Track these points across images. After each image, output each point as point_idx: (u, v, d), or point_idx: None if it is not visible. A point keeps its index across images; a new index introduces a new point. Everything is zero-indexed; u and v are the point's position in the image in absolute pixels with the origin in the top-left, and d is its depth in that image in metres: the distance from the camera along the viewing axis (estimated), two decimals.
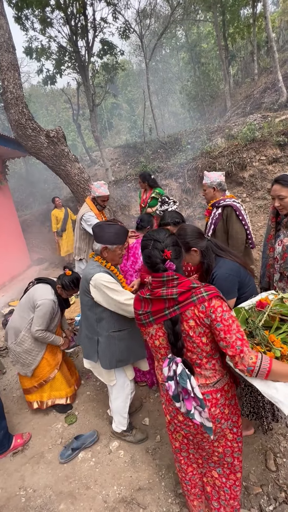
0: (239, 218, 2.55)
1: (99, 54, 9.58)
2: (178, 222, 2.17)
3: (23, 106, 5.56)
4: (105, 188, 3.46)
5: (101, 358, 1.87)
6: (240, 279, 1.65)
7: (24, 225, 8.04)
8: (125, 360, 1.90)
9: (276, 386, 1.06)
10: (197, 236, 1.69)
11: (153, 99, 14.04)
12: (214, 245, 1.72)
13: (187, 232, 1.68)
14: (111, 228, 1.75)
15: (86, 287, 1.78)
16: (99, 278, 1.71)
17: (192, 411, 1.11)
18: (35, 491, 1.93)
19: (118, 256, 1.84)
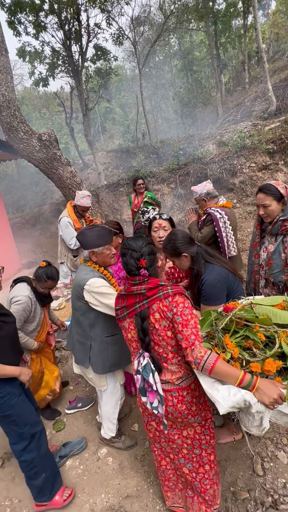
0: (212, 224, 2.57)
1: (93, 59, 9.66)
2: (168, 218, 2.21)
3: (15, 109, 5.54)
4: (87, 200, 3.59)
5: (93, 363, 1.86)
6: (228, 285, 1.68)
7: (14, 228, 7.95)
8: (118, 364, 1.90)
9: (218, 388, 1.14)
10: (188, 242, 1.71)
11: (146, 104, 14.20)
12: (204, 251, 1.74)
13: (177, 238, 1.70)
14: (92, 232, 1.76)
15: (79, 293, 1.77)
16: (93, 284, 1.71)
17: (155, 404, 1.24)
18: (21, 501, 1.89)
19: (109, 257, 1.83)
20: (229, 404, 1.08)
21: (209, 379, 1.18)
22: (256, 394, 1.09)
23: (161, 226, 2.14)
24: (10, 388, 1.61)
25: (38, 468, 1.70)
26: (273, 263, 1.98)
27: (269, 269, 2.01)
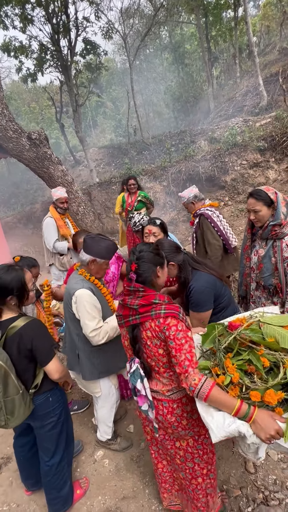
0: (211, 226, 2.67)
1: (82, 53, 9.47)
2: (158, 224, 2.23)
3: (3, 107, 5.43)
4: (61, 191, 3.68)
5: (83, 370, 1.88)
6: (216, 291, 1.71)
7: (6, 227, 7.86)
8: (108, 372, 1.92)
9: (213, 414, 1.09)
10: (174, 251, 1.74)
11: (137, 98, 14.04)
12: (191, 258, 1.77)
13: (164, 247, 1.72)
14: (104, 243, 1.76)
15: (69, 301, 1.79)
16: (80, 295, 1.72)
17: (145, 408, 1.26)
18: (19, 505, 1.92)
19: (103, 271, 1.86)
20: (222, 434, 1.05)
21: (203, 404, 1.14)
22: (252, 426, 1.05)
23: (151, 233, 2.15)
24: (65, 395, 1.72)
25: (66, 476, 1.74)
26: (263, 267, 2.02)
27: (259, 273, 2.05)
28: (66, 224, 3.71)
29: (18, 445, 1.84)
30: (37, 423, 1.61)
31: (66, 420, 1.72)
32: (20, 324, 1.42)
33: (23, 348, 1.42)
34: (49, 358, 1.48)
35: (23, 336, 1.41)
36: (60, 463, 1.70)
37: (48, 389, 1.59)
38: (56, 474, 1.69)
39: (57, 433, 1.65)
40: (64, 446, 1.71)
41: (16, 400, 1.38)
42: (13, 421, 1.42)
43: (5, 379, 1.35)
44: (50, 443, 1.65)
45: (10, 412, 1.40)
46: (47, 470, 1.68)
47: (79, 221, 6.18)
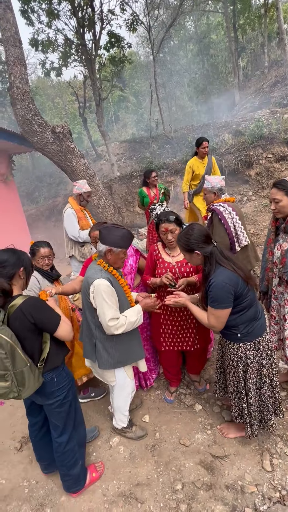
0: (221, 222, 2.54)
1: (106, 46, 9.45)
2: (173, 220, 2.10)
3: (30, 101, 5.56)
4: (87, 185, 3.84)
5: (99, 359, 1.91)
6: (236, 290, 1.63)
7: (29, 219, 8.12)
8: (124, 362, 1.94)
9: None
10: (203, 240, 1.67)
11: (160, 92, 13.85)
12: (219, 252, 1.69)
13: (193, 233, 1.67)
14: (118, 232, 1.77)
15: (87, 290, 1.81)
16: (98, 285, 1.73)
17: None
18: (38, 482, 2.01)
19: (121, 260, 1.86)
20: None
21: None
22: None
23: (167, 230, 2.10)
24: (72, 376, 1.77)
25: (77, 456, 1.80)
26: (286, 261, 1.94)
27: (283, 267, 1.98)
28: (85, 216, 3.77)
29: (30, 425, 1.92)
30: (44, 400, 1.69)
31: (73, 402, 1.77)
32: (19, 302, 1.49)
33: (26, 322, 1.48)
34: (56, 324, 1.57)
35: (23, 311, 1.48)
36: (68, 443, 1.76)
37: (53, 367, 1.64)
38: (65, 453, 1.76)
39: (65, 412, 1.72)
40: (72, 427, 1.78)
41: (25, 372, 1.46)
42: (24, 391, 1.49)
43: (12, 353, 1.43)
44: (58, 421, 1.73)
45: (21, 384, 1.48)
46: (57, 446, 1.77)
47: (99, 214, 6.25)
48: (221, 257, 1.67)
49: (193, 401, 2.46)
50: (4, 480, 2.06)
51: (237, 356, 1.79)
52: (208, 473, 1.89)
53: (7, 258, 1.53)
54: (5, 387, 1.45)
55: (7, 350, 1.41)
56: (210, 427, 2.20)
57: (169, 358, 2.40)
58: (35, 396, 1.68)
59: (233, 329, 1.75)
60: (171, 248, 2.20)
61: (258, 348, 1.76)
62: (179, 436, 2.18)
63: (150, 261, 2.30)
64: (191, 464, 1.96)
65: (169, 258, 2.20)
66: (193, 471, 1.91)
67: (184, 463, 1.97)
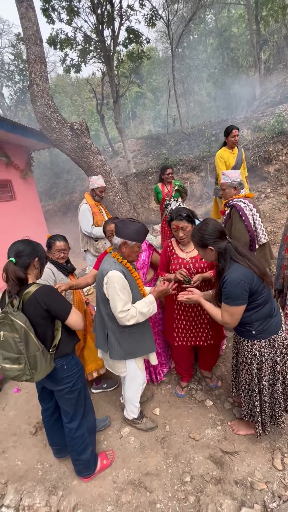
0: (242, 219, 2.47)
1: (125, 43, 9.46)
2: (184, 216, 2.07)
3: (49, 98, 5.67)
4: (102, 180, 3.82)
5: (111, 349, 1.95)
6: (251, 287, 1.61)
7: (47, 215, 8.31)
8: (135, 353, 1.97)
9: None
10: (218, 236, 1.65)
11: (178, 87, 13.71)
12: (234, 248, 1.66)
13: (208, 229, 1.66)
14: (133, 225, 1.80)
15: (101, 281, 1.85)
16: (112, 276, 1.77)
17: None
18: (51, 466, 2.09)
19: (135, 253, 1.89)
20: None
21: None
22: None
23: (178, 228, 2.09)
24: (81, 365, 1.83)
25: (87, 442, 1.86)
26: None
27: None
28: (100, 212, 3.82)
29: (42, 411, 1.99)
30: (54, 386, 1.75)
31: (82, 390, 1.83)
32: (33, 289, 1.56)
33: (39, 309, 1.55)
34: (67, 312, 1.63)
35: (37, 298, 1.54)
36: (78, 429, 1.82)
37: (64, 354, 1.70)
38: (75, 438, 1.82)
39: (74, 399, 1.77)
40: (82, 414, 1.83)
41: (37, 356, 1.53)
42: (37, 374, 1.56)
43: (26, 338, 1.50)
44: (68, 407, 1.79)
45: (34, 367, 1.54)
46: (68, 431, 1.84)
47: (115, 210, 6.31)
48: (236, 253, 1.65)
49: (204, 396, 2.47)
50: (19, 462, 2.16)
51: (251, 353, 1.77)
52: (217, 467, 1.89)
53: (23, 248, 1.60)
54: (19, 369, 1.53)
55: (21, 335, 1.49)
56: (220, 423, 2.20)
57: (181, 353, 2.41)
58: (46, 382, 1.75)
59: (248, 326, 1.73)
60: (184, 244, 2.20)
61: (273, 346, 1.74)
62: (189, 430, 2.19)
63: (164, 257, 2.31)
64: (201, 458, 1.97)
65: (183, 254, 2.20)
66: (202, 464, 1.92)
67: (193, 456, 1.98)
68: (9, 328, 1.50)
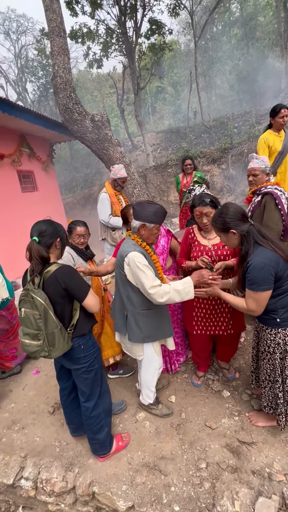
0: (277, 207, 2.33)
1: (147, 34, 9.36)
2: (208, 202, 2.02)
3: (71, 90, 5.72)
4: (124, 171, 3.81)
5: (129, 332, 1.95)
6: (277, 271, 1.54)
7: (66, 207, 8.46)
8: (153, 337, 1.96)
9: None
10: (239, 218, 1.59)
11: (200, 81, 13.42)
12: (257, 231, 1.59)
13: (229, 211, 1.60)
14: (151, 207, 1.79)
15: (121, 263, 1.85)
16: (132, 257, 1.76)
17: None
18: (68, 444, 2.14)
19: (154, 236, 1.87)
20: None
21: None
22: None
23: (202, 214, 2.04)
24: (98, 347, 1.84)
25: (103, 422, 1.89)
26: None
27: None
28: (119, 202, 3.82)
29: (60, 389, 2.04)
30: (71, 364, 1.78)
31: (99, 371, 1.84)
32: (54, 268, 1.58)
33: (59, 288, 1.57)
34: (85, 293, 1.65)
35: (57, 277, 1.56)
36: (94, 409, 1.84)
37: (81, 334, 1.72)
38: (91, 418, 1.85)
39: (90, 379, 1.80)
40: (98, 394, 1.86)
41: (55, 333, 1.57)
42: (54, 351, 1.60)
43: (45, 315, 1.53)
44: (85, 387, 1.81)
45: (52, 344, 1.58)
46: (84, 410, 1.87)
47: (133, 202, 6.30)
48: (259, 236, 1.58)
49: (221, 387, 2.43)
50: (38, 438, 2.22)
51: (275, 342, 1.71)
52: (234, 456, 1.86)
53: (45, 228, 1.63)
54: (38, 345, 1.58)
55: (41, 312, 1.52)
56: (238, 414, 2.16)
57: (200, 343, 2.38)
58: (64, 360, 1.79)
59: (272, 313, 1.67)
60: (207, 231, 2.15)
61: None
62: (205, 418, 2.16)
63: (185, 244, 2.27)
64: (217, 446, 1.94)
65: (205, 241, 2.15)
66: (218, 452, 1.90)
67: (209, 444, 1.96)
68: (30, 305, 1.55)
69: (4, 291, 2.69)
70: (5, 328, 2.81)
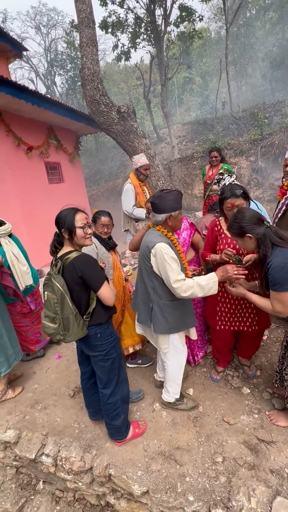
0: None
1: (176, 22, 9.11)
2: (240, 194, 1.95)
3: (98, 82, 5.74)
4: (145, 158, 3.80)
5: (155, 324, 1.94)
6: None
7: (91, 199, 8.58)
8: (178, 327, 1.95)
9: None
10: (255, 222, 1.61)
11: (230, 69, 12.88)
12: (274, 233, 1.57)
13: (244, 216, 1.62)
14: (170, 195, 1.77)
15: (146, 254, 1.84)
16: (160, 248, 1.74)
17: None
18: (87, 426, 2.21)
19: (180, 221, 1.86)
20: None
21: None
22: None
23: (233, 206, 1.97)
24: (116, 336, 1.88)
25: (119, 409, 1.93)
26: None
27: None
28: (143, 192, 3.80)
29: (81, 374, 2.10)
30: (89, 351, 1.83)
31: (116, 360, 1.86)
32: (73, 256, 1.62)
33: (75, 275, 1.61)
34: (100, 284, 1.66)
35: (74, 265, 1.60)
36: (111, 396, 1.88)
37: (97, 323, 1.74)
38: (108, 404, 1.89)
39: (107, 367, 1.82)
40: (115, 383, 1.88)
41: (70, 319, 1.62)
42: (68, 336, 1.65)
43: (62, 300, 1.59)
44: (102, 374, 1.85)
45: (66, 328, 1.64)
46: (102, 396, 1.91)
47: None
48: (276, 238, 1.56)
49: (240, 384, 2.38)
50: (59, 419, 2.32)
51: None
52: (252, 454, 1.82)
53: (56, 220, 1.68)
54: (54, 328, 1.65)
55: (58, 297, 1.58)
56: (257, 412, 2.11)
57: (222, 338, 2.33)
58: (83, 346, 1.85)
59: None
60: None
61: None
62: (223, 413, 2.14)
63: (211, 237, 2.22)
64: (234, 442, 1.91)
65: None
66: (235, 448, 1.87)
67: (226, 439, 1.93)
68: (50, 289, 1.62)
69: (28, 278, 2.81)
70: (28, 313, 2.92)
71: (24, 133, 5.35)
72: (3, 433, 2.25)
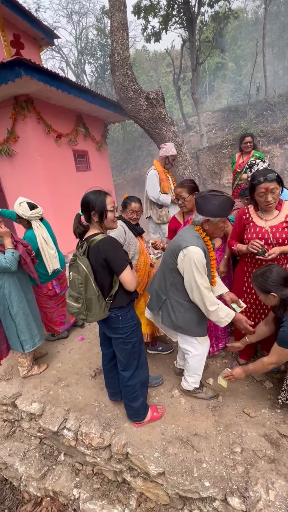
0: None
1: (211, 2, 8.66)
2: (275, 178, 1.84)
3: (128, 67, 5.66)
4: (175, 149, 3.84)
5: (163, 315, 1.95)
6: None
7: (116, 188, 8.62)
8: (184, 329, 1.91)
9: None
10: (282, 283, 1.64)
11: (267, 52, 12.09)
12: None
13: (271, 276, 1.66)
14: (215, 199, 1.65)
15: (175, 252, 1.78)
16: (193, 252, 1.68)
17: None
18: (106, 406, 2.28)
19: (220, 230, 1.75)
20: None
21: None
22: None
23: (267, 190, 1.84)
24: (137, 320, 1.90)
25: (138, 392, 1.97)
26: None
27: None
28: (167, 179, 3.75)
29: (102, 354, 2.14)
30: (110, 333, 1.86)
31: (137, 344, 1.87)
32: (99, 238, 1.63)
33: (100, 258, 1.62)
34: (122, 268, 1.66)
35: (99, 247, 1.61)
36: (130, 379, 1.91)
37: (119, 306, 1.76)
38: (127, 386, 1.92)
39: (128, 350, 1.85)
40: (135, 366, 1.91)
41: (93, 300, 1.65)
42: (91, 316, 1.70)
43: (86, 281, 1.62)
44: (122, 357, 1.88)
45: (89, 309, 1.68)
46: (121, 378, 1.95)
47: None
48: None
49: (263, 377, 2.31)
50: (80, 396, 2.41)
51: None
52: (272, 447, 1.78)
53: (82, 202, 1.70)
54: (77, 308, 1.70)
55: (82, 278, 1.62)
56: (280, 407, 2.04)
57: None
58: (104, 327, 1.89)
59: None
60: (267, 211, 1.97)
61: None
62: (243, 405, 2.10)
63: (238, 225, 2.13)
64: (254, 434, 1.87)
65: (262, 222, 1.97)
66: (255, 440, 1.83)
67: (246, 430, 1.90)
68: (76, 270, 1.66)
69: (56, 262, 2.90)
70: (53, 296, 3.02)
71: (54, 120, 5.44)
72: (29, 405, 2.39)
